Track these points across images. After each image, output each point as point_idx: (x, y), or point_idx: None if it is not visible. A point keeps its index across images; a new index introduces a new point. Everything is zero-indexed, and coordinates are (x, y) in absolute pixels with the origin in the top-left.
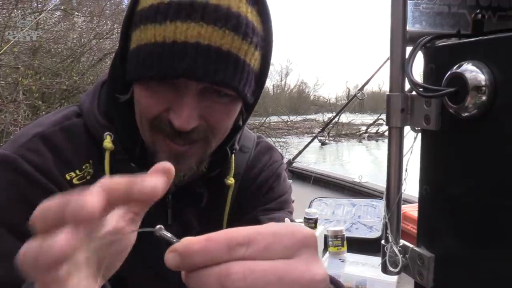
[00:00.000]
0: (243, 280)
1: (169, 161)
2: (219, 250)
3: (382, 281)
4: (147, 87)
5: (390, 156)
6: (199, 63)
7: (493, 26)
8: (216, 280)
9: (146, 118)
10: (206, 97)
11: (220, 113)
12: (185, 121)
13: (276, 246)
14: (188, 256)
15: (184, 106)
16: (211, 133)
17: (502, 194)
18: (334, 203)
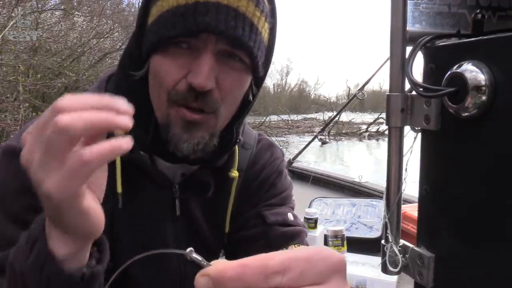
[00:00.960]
0: None
1: (180, 130)
2: (255, 278)
3: (382, 281)
4: (166, 55)
5: (390, 156)
6: (220, 18)
7: (493, 26)
8: None
9: (164, 88)
10: (221, 61)
11: (233, 79)
12: (204, 79)
13: (310, 272)
14: (221, 282)
15: (203, 65)
16: (223, 101)
17: (502, 194)
18: (334, 203)
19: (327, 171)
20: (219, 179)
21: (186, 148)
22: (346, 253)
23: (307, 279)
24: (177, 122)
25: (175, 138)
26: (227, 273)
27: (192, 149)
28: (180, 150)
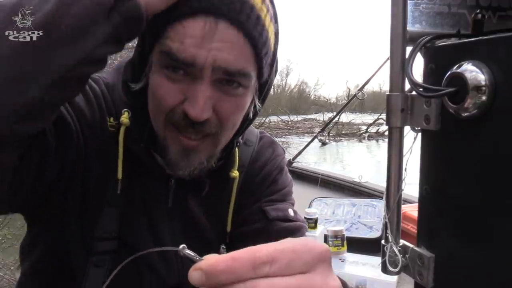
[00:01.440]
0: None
1: (178, 155)
2: (245, 269)
3: (382, 281)
4: (162, 74)
5: (390, 156)
6: (225, 1)
7: (493, 26)
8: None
9: (161, 110)
10: (219, 88)
11: (231, 106)
12: (200, 110)
13: (296, 262)
14: (213, 275)
15: (199, 95)
16: (221, 127)
17: (502, 194)
18: (334, 203)
19: (327, 171)
20: (218, 179)
21: (182, 173)
22: (346, 253)
23: (293, 268)
24: (174, 146)
25: (172, 163)
26: (218, 266)
27: (188, 173)
28: (176, 174)
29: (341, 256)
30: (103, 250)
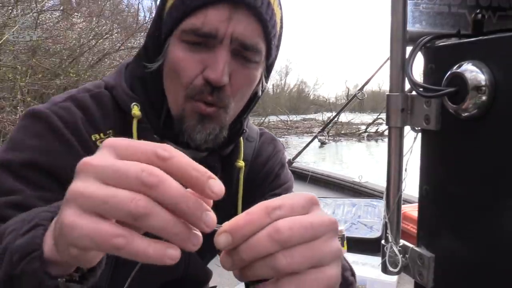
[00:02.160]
0: (290, 230)
1: (194, 122)
2: (261, 217)
3: (382, 281)
4: (183, 48)
5: (390, 156)
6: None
7: (493, 26)
8: (268, 239)
9: (182, 84)
10: (235, 60)
11: (244, 77)
12: (220, 73)
13: (298, 206)
14: (237, 232)
15: (219, 60)
16: (233, 98)
17: (502, 194)
18: (334, 203)
19: (327, 171)
20: (226, 168)
21: (199, 138)
22: (346, 253)
23: (296, 211)
24: (192, 115)
25: (189, 129)
26: (239, 222)
27: (204, 139)
28: (193, 140)
29: None
30: None
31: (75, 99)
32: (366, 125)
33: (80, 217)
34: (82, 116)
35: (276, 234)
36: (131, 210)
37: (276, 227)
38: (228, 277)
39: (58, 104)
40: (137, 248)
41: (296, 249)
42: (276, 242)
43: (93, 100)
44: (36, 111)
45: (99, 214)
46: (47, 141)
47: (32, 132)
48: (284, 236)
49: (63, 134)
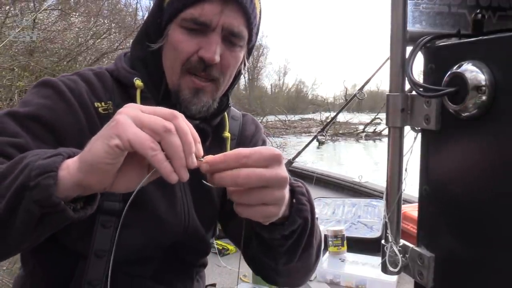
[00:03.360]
0: (247, 178)
1: (190, 95)
2: (233, 160)
3: (382, 281)
4: (182, 33)
5: (390, 156)
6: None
7: (493, 26)
8: (231, 179)
9: (180, 60)
10: (224, 44)
11: (231, 57)
12: (213, 53)
13: (262, 159)
14: (214, 164)
15: (212, 42)
16: (222, 74)
17: (502, 193)
18: (334, 203)
19: (327, 171)
20: (216, 139)
21: (194, 109)
22: (346, 253)
23: (259, 163)
24: (188, 89)
25: (186, 101)
26: (216, 159)
27: (199, 110)
28: (189, 110)
29: (341, 256)
30: (109, 209)
31: (81, 74)
32: (364, 125)
33: (130, 124)
34: (86, 87)
35: (236, 178)
36: (165, 125)
37: (238, 173)
38: (228, 277)
39: (66, 77)
40: (159, 159)
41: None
42: (235, 183)
43: (96, 76)
44: (46, 80)
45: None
46: (52, 101)
47: (40, 94)
48: (240, 181)
49: (68, 98)
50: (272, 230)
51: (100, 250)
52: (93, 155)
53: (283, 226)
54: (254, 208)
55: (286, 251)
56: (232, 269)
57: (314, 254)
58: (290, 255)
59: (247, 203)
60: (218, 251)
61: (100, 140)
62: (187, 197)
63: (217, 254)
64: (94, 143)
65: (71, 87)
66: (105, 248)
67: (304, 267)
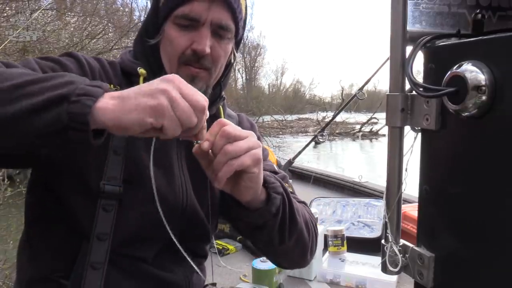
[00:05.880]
0: (234, 152)
1: (188, 81)
2: (222, 141)
3: (382, 281)
4: (176, 30)
5: (390, 156)
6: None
7: (493, 26)
8: (222, 155)
9: (176, 53)
10: (213, 37)
11: (220, 49)
12: (204, 46)
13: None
14: (213, 144)
15: (203, 36)
16: (213, 64)
17: (502, 193)
18: (334, 203)
19: (327, 171)
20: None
21: None
22: (346, 253)
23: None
24: (185, 76)
25: None
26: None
27: None
28: None
29: (341, 256)
30: (110, 192)
31: (97, 58)
32: (360, 124)
33: (169, 109)
34: (101, 69)
35: (226, 152)
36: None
37: (232, 163)
38: (228, 277)
39: (86, 56)
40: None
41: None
42: (225, 156)
43: (108, 63)
44: (69, 52)
45: None
46: (72, 63)
47: (64, 58)
48: (231, 156)
49: (85, 67)
50: (262, 213)
51: (101, 233)
52: (128, 120)
53: (268, 206)
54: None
55: (278, 231)
56: (232, 269)
57: (304, 231)
58: (281, 233)
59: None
60: (218, 251)
61: (139, 110)
62: (185, 178)
63: (217, 254)
64: (134, 105)
65: (89, 62)
66: (106, 231)
67: (299, 243)
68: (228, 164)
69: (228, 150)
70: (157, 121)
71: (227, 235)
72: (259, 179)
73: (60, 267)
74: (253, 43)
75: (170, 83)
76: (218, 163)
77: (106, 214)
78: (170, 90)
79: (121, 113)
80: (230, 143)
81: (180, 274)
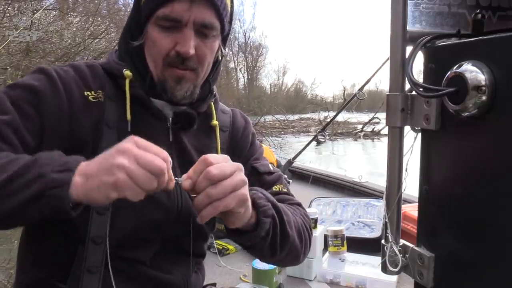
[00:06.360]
0: (217, 196)
1: (174, 83)
2: (204, 183)
3: (382, 281)
4: (159, 31)
5: (390, 156)
6: None
7: (493, 26)
8: (205, 197)
9: (160, 55)
10: (198, 37)
11: (206, 48)
12: (188, 47)
13: (227, 174)
14: (195, 184)
15: (187, 37)
16: (199, 64)
17: (502, 193)
18: (334, 203)
19: (327, 171)
20: (204, 126)
21: (179, 95)
22: (346, 253)
23: (226, 174)
24: (171, 79)
25: (171, 89)
26: (195, 179)
27: (183, 96)
28: (175, 96)
29: (341, 256)
30: None
31: (74, 65)
32: (362, 124)
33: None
34: (76, 77)
35: (210, 196)
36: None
37: (217, 204)
38: (228, 277)
39: (60, 66)
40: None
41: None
42: (209, 198)
43: (88, 67)
44: (41, 67)
45: None
46: (42, 83)
47: (33, 78)
48: (213, 198)
49: (56, 83)
50: (250, 238)
51: (97, 236)
52: (95, 196)
53: (257, 231)
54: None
55: (268, 247)
56: (232, 269)
57: (296, 241)
58: (272, 249)
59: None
60: (218, 251)
61: (102, 187)
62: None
63: (217, 254)
64: (96, 184)
65: (61, 75)
66: (101, 235)
67: (291, 253)
68: (212, 205)
69: (211, 194)
70: (120, 194)
71: (227, 235)
72: (246, 215)
73: (57, 272)
74: (255, 43)
75: (126, 155)
76: (200, 203)
77: (100, 217)
78: (126, 164)
79: (88, 191)
80: (213, 185)
81: (178, 275)
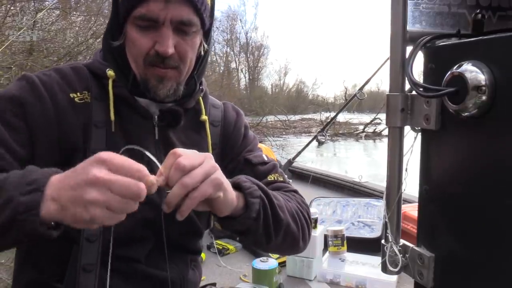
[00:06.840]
0: (192, 184)
1: (156, 82)
2: (176, 175)
3: (382, 281)
4: (137, 31)
5: (390, 156)
6: None
7: (493, 26)
8: (180, 188)
9: (140, 55)
10: (177, 34)
11: (186, 45)
12: (166, 47)
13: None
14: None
15: (165, 37)
16: (181, 61)
17: (502, 193)
18: (334, 203)
19: (327, 171)
20: (193, 122)
21: (162, 93)
22: (346, 253)
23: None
24: (153, 78)
25: (154, 88)
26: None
27: (166, 94)
28: (158, 95)
29: (341, 256)
30: None
31: (57, 69)
32: (364, 124)
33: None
34: (60, 80)
35: (184, 185)
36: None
37: (193, 197)
38: (228, 277)
39: (43, 71)
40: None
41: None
42: (184, 188)
43: (71, 69)
44: (24, 74)
45: None
46: (25, 91)
47: (17, 86)
48: (188, 188)
49: (39, 90)
50: (242, 220)
51: (90, 235)
52: (72, 225)
53: (247, 212)
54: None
55: (263, 232)
56: (232, 269)
57: (291, 225)
58: (267, 234)
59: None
60: (218, 251)
61: (80, 221)
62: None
63: (217, 254)
64: (72, 216)
65: (44, 81)
66: (95, 233)
67: (287, 237)
68: (190, 197)
69: (185, 183)
70: (100, 224)
71: (227, 235)
72: (228, 199)
73: (54, 271)
74: (257, 43)
75: (96, 186)
76: (176, 195)
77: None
78: (100, 198)
79: (65, 220)
80: (186, 175)
81: (174, 272)
